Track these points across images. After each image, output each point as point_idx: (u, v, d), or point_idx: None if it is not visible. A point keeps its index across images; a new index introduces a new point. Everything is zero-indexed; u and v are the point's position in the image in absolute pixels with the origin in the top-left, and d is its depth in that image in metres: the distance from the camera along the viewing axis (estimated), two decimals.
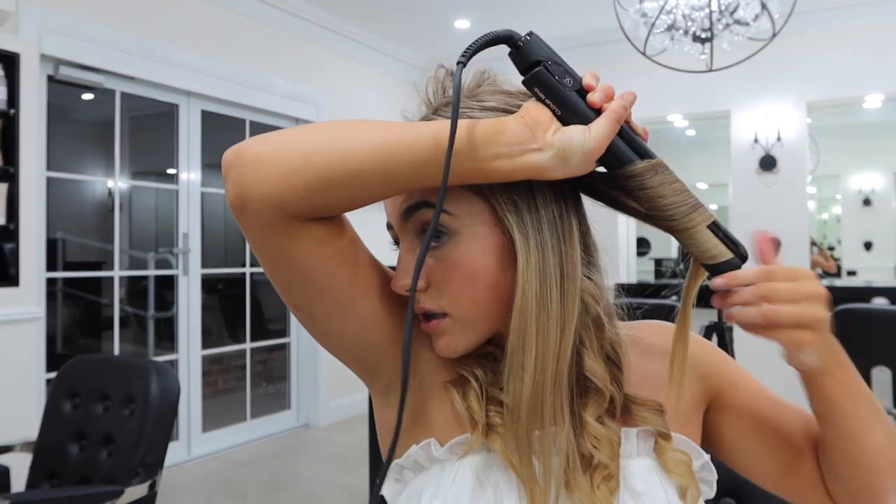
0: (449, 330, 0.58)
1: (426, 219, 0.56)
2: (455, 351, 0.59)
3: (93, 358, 2.11)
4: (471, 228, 0.56)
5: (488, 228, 0.55)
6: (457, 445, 0.57)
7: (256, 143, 0.51)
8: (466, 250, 0.56)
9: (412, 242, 0.59)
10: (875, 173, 6.96)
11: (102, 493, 1.61)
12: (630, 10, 2.83)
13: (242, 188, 0.49)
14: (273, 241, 0.51)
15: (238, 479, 3.32)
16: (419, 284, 0.56)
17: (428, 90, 0.62)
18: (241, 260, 4.12)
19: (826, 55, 3.99)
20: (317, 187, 0.49)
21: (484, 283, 0.56)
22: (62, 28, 2.88)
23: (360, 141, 0.50)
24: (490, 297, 0.56)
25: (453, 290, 0.56)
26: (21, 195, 2.65)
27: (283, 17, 3.99)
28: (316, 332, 0.59)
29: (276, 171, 0.49)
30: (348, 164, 0.49)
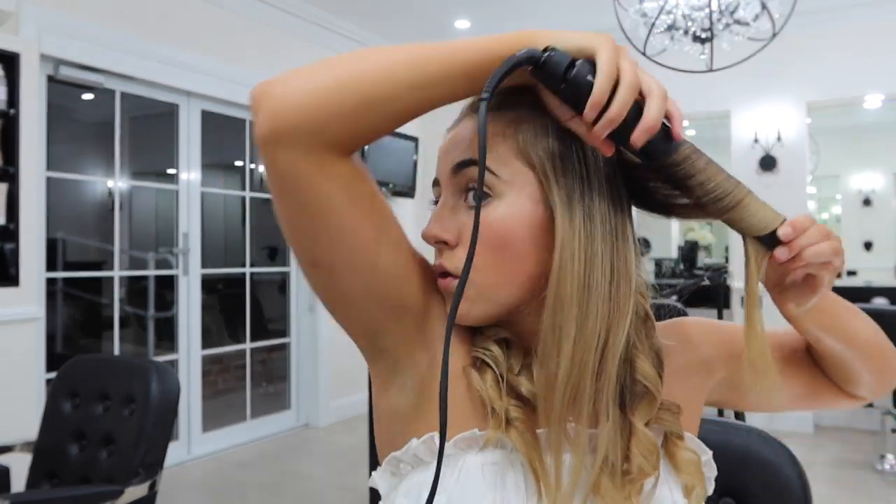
0: (466, 294, 0.55)
1: (473, 176, 0.56)
2: (467, 316, 0.57)
3: (93, 358, 2.11)
4: (515, 196, 0.55)
5: (532, 202, 0.55)
6: (462, 441, 0.55)
7: (289, 74, 0.50)
8: (504, 216, 0.55)
9: (453, 197, 0.59)
10: (875, 173, 6.96)
11: (102, 493, 1.61)
12: (630, 10, 2.83)
13: (277, 117, 0.48)
14: (305, 179, 0.50)
15: (238, 480, 3.32)
16: (446, 236, 0.57)
17: None
18: (241, 260, 4.12)
19: (826, 55, 3.99)
20: (355, 110, 0.49)
21: (513, 252, 0.55)
22: (62, 28, 2.88)
23: (396, 66, 0.50)
24: (514, 270, 0.55)
25: (483, 252, 0.54)
26: (21, 195, 2.65)
27: (284, 17, 3.99)
28: (330, 293, 0.57)
29: (312, 97, 0.48)
30: (386, 87, 0.49)
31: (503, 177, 0.55)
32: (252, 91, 0.50)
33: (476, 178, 0.55)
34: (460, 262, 0.54)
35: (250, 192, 4.18)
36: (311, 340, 4.28)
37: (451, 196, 0.58)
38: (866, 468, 3.37)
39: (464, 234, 0.57)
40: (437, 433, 0.54)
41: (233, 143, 4.02)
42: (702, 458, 0.61)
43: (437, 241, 0.57)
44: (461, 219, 0.57)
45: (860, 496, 3.05)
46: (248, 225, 4.14)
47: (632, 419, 0.56)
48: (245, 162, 4.04)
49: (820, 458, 3.52)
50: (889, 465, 3.32)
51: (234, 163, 4.35)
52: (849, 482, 3.21)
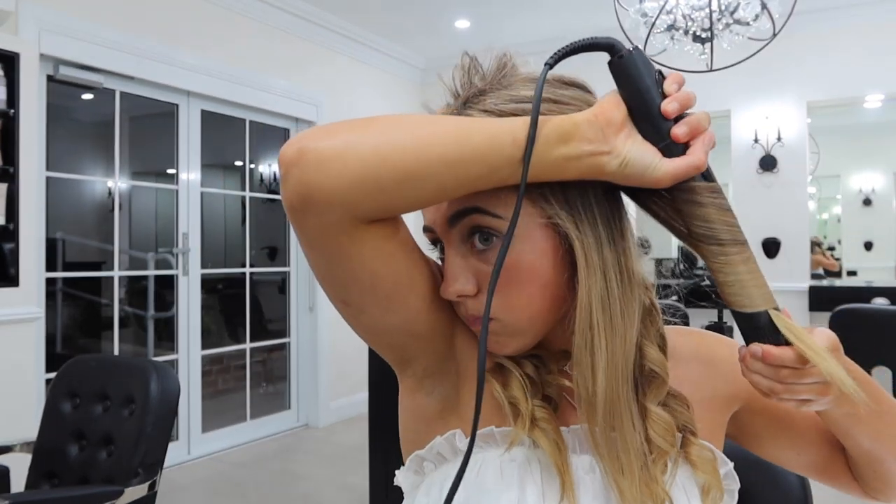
0: (503, 333, 0.56)
1: (474, 224, 0.54)
2: (506, 350, 0.57)
3: (92, 358, 2.11)
4: (523, 230, 0.53)
5: (539, 229, 0.54)
6: (480, 437, 0.57)
7: (322, 138, 0.47)
8: (519, 252, 0.53)
9: (460, 247, 0.56)
10: (875, 173, 6.95)
11: (102, 494, 1.60)
12: (630, 10, 2.83)
13: (308, 189, 0.46)
14: (334, 244, 0.49)
15: (238, 480, 3.32)
16: (468, 289, 0.55)
17: (455, 80, 0.59)
18: (241, 260, 4.11)
19: (826, 55, 3.99)
20: (392, 188, 0.47)
21: (537, 284, 0.54)
22: (62, 28, 2.88)
23: (438, 140, 0.47)
24: (542, 299, 0.54)
25: (505, 294, 0.53)
26: (21, 195, 2.65)
27: (283, 17, 3.99)
28: (360, 327, 0.57)
29: (348, 171, 0.45)
30: (425, 164, 0.47)
31: (503, 215, 0.53)
32: (283, 152, 0.47)
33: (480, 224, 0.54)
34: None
35: (250, 192, 4.17)
36: (311, 340, 4.28)
37: (457, 247, 0.56)
38: None
39: (483, 280, 0.55)
40: (461, 430, 0.57)
41: (233, 142, 4.02)
42: (721, 470, 0.61)
43: (459, 296, 0.56)
44: (474, 266, 0.56)
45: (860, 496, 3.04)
46: (247, 225, 4.14)
47: (644, 402, 0.56)
48: (245, 162, 4.04)
49: None
50: None
51: (233, 163, 4.35)
52: None
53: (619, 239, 0.54)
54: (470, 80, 0.58)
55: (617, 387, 0.52)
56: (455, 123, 0.49)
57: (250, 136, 4.01)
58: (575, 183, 0.52)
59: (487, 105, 0.55)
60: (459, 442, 0.57)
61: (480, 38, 4.64)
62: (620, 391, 0.52)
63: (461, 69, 0.59)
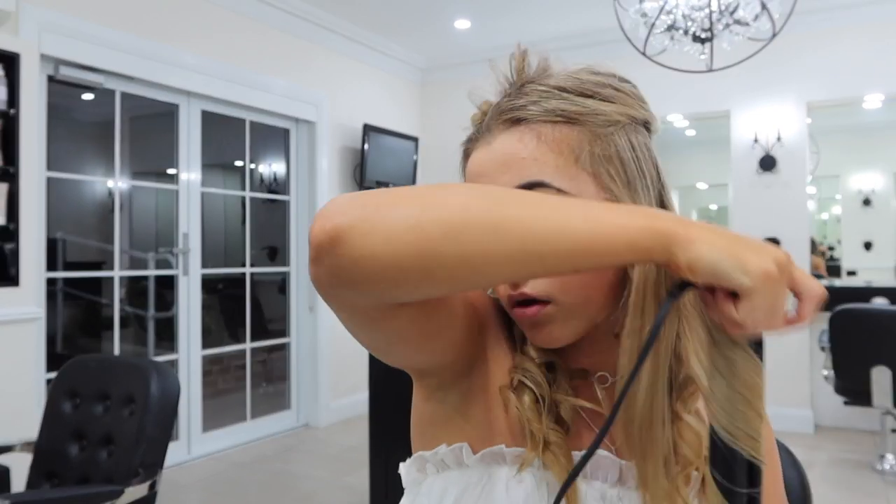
0: (553, 318, 0.55)
1: None
2: (557, 340, 0.56)
3: (93, 358, 2.11)
4: None
5: None
6: (489, 455, 0.56)
7: (364, 223, 0.39)
8: None
9: None
10: (875, 173, 6.95)
11: (102, 493, 1.61)
12: (630, 10, 2.83)
13: (341, 281, 0.41)
14: (367, 320, 0.48)
15: (238, 480, 3.32)
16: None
17: (511, 66, 0.59)
18: (241, 260, 4.12)
19: (826, 55, 3.99)
20: (444, 278, 0.41)
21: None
22: (62, 28, 2.88)
23: (561, 233, 0.41)
24: (598, 284, 0.54)
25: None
26: (21, 195, 2.65)
27: (283, 17, 3.99)
28: (380, 357, 0.57)
29: (394, 272, 0.40)
30: (522, 257, 0.41)
31: (569, 191, 0.53)
32: (314, 231, 0.40)
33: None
34: (542, 287, 0.53)
35: (250, 192, 4.18)
36: (311, 340, 4.28)
37: None
38: (866, 468, 3.37)
39: None
40: (468, 445, 0.57)
41: (233, 143, 4.02)
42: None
43: (513, 289, 0.55)
44: None
45: (860, 496, 3.05)
46: (248, 225, 4.14)
47: (676, 408, 0.55)
48: (245, 162, 4.04)
49: (820, 459, 3.52)
50: (889, 465, 3.32)
51: (234, 163, 4.35)
52: (849, 482, 3.21)
53: None
54: (524, 68, 0.59)
55: (656, 394, 0.51)
56: (583, 213, 0.42)
57: (250, 136, 4.01)
58: (637, 167, 0.54)
59: (551, 82, 0.56)
60: (466, 457, 0.57)
61: (480, 38, 4.64)
62: (659, 386, 0.51)
63: (518, 57, 0.59)
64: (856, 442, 3.78)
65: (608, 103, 0.56)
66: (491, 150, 0.56)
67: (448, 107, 5.18)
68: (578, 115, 0.55)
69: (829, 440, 3.84)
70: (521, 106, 0.55)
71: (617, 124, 0.55)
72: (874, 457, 3.44)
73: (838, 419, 4.04)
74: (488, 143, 0.57)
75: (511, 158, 0.55)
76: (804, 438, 3.84)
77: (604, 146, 0.54)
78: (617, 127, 0.55)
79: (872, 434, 3.79)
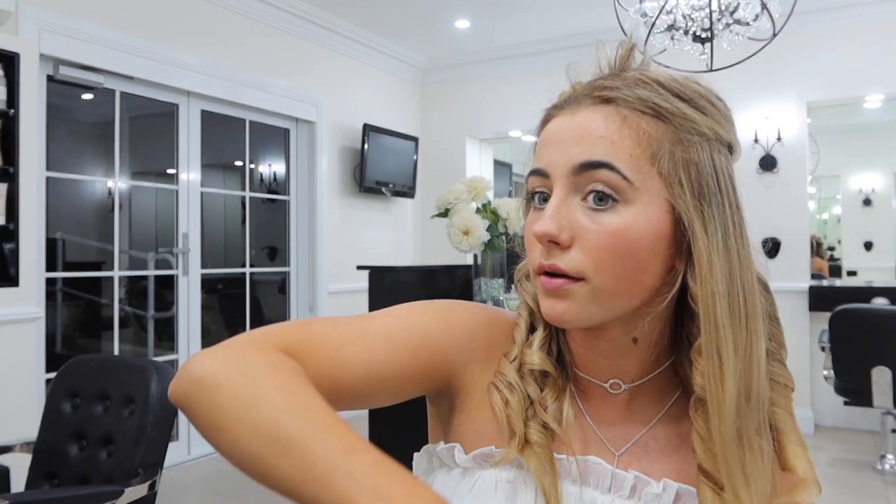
0: (577, 295, 0.53)
1: (600, 179, 0.52)
2: (571, 320, 0.54)
3: (92, 358, 2.11)
4: (645, 204, 0.52)
5: (661, 211, 0.52)
6: (481, 456, 0.57)
7: (197, 407, 0.44)
8: (633, 224, 0.52)
9: (572, 196, 0.54)
10: (875, 173, 6.95)
11: (102, 494, 1.61)
12: (630, 10, 2.83)
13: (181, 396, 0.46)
14: None
15: (238, 480, 3.32)
16: (562, 237, 0.53)
17: (617, 51, 0.58)
18: (241, 260, 4.11)
19: (826, 55, 3.99)
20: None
21: (637, 262, 0.52)
22: (62, 28, 2.88)
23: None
24: (633, 279, 0.53)
25: (604, 257, 0.52)
26: (21, 195, 2.65)
27: (283, 17, 3.99)
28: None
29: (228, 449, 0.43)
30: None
31: (634, 182, 0.52)
32: (174, 381, 0.46)
33: (606, 181, 0.52)
34: (577, 263, 0.52)
35: (250, 191, 4.18)
36: None
37: (566, 193, 0.54)
38: (866, 468, 3.37)
39: (579, 235, 0.53)
40: (459, 445, 0.59)
41: (233, 142, 4.02)
42: None
43: (550, 240, 0.53)
44: (577, 219, 0.53)
45: (860, 496, 3.05)
46: (247, 225, 4.14)
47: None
48: (245, 162, 4.04)
49: (820, 459, 3.52)
50: (889, 465, 3.32)
51: (233, 163, 4.35)
52: (849, 482, 3.20)
53: (743, 246, 0.54)
54: (621, 62, 0.58)
55: (748, 397, 0.51)
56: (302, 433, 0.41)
57: (250, 135, 4.01)
58: (710, 173, 0.53)
59: (651, 74, 0.55)
60: (458, 456, 0.58)
61: (480, 38, 4.64)
62: (754, 402, 0.51)
63: (626, 46, 0.58)
64: (856, 442, 3.78)
65: (700, 113, 0.54)
66: (573, 119, 0.55)
67: (448, 107, 5.18)
68: (668, 113, 0.53)
69: (829, 440, 3.84)
70: (616, 87, 0.54)
71: (703, 136, 0.54)
72: (874, 457, 3.44)
73: (838, 419, 4.04)
74: (573, 113, 0.55)
75: (589, 133, 0.53)
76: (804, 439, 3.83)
77: (685, 151, 0.53)
78: (703, 139, 0.54)
79: (872, 434, 3.79)
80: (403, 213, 5.08)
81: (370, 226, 4.76)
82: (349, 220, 4.56)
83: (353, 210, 4.59)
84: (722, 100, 0.58)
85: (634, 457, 0.57)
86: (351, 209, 4.57)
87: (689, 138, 0.53)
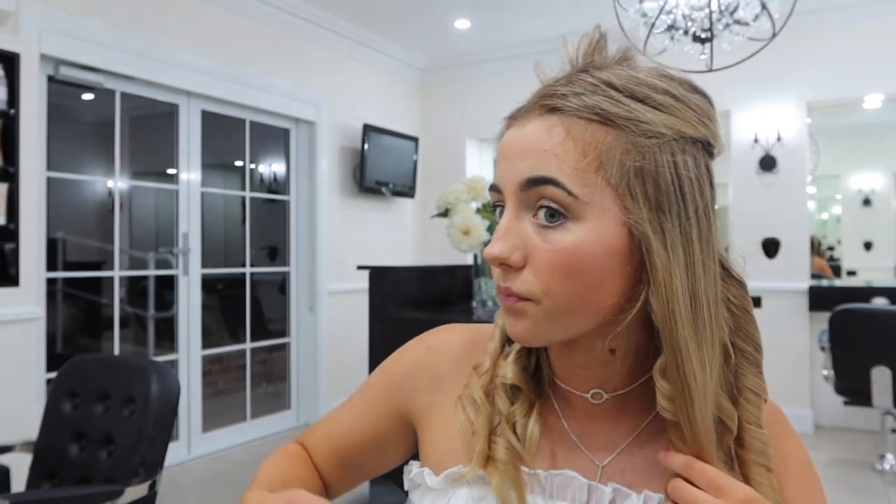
0: (531, 315, 0.51)
1: (546, 195, 0.49)
2: (530, 339, 0.53)
3: (93, 358, 2.11)
4: (596, 219, 0.49)
5: (614, 225, 0.49)
6: (451, 476, 0.58)
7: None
8: (584, 241, 0.49)
9: (523, 213, 0.52)
10: (875, 173, 6.96)
11: (102, 493, 1.61)
12: (630, 10, 2.83)
13: None
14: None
15: (238, 479, 3.32)
16: (513, 259, 0.51)
17: (580, 48, 0.54)
18: (241, 260, 4.12)
19: (826, 55, 3.99)
20: None
21: (590, 280, 0.49)
22: (62, 28, 2.88)
23: None
24: (588, 297, 0.50)
25: (554, 278, 0.49)
26: (21, 195, 2.65)
27: (284, 18, 3.99)
28: None
29: None
30: None
31: (582, 197, 0.48)
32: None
33: (552, 198, 0.49)
34: (528, 286, 0.51)
35: (250, 191, 4.18)
36: (311, 340, 4.28)
37: (517, 210, 0.52)
38: (866, 468, 3.37)
39: (531, 255, 0.51)
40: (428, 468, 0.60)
41: (233, 143, 4.02)
42: None
43: (501, 263, 0.51)
44: (529, 238, 0.51)
45: (860, 496, 3.05)
46: (247, 225, 4.14)
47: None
48: (245, 162, 4.04)
49: (820, 458, 3.52)
50: (889, 465, 3.32)
51: (234, 163, 4.35)
52: (849, 482, 3.21)
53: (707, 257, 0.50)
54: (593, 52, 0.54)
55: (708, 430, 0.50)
56: None
57: (250, 136, 4.01)
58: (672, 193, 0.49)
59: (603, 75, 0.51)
60: (428, 479, 0.59)
61: (480, 39, 4.64)
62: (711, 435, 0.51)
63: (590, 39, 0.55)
64: (856, 442, 3.78)
65: (657, 112, 0.50)
66: (522, 133, 0.52)
67: (448, 107, 5.18)
68: (618, 118, 0.49)
69: (829, 440, 3.84)
70: (562, 95, 0.51)
71: (662, 137, 0.49)
72: (874, 457, 3.44)
73: (838, 419, 4.04)
74: (522, 125, 0.53)
75: (535, 147, 0.51)
76: (804, 438, 3.78)
77: (638, 159, 0.48)
78: (661, 141, 0.49)
79: (872, 434, 3.79)
80: (403, 213, 5.08)
81: (370, 226, 4.76)
82: (349, 220, 4.56)
83: (353, 210, 4.59)
84: (699, 91, 0.54)
85: (618, 467, 0.56)
86: (351, 209, 4.58)
87: (643, 143, 0.49)
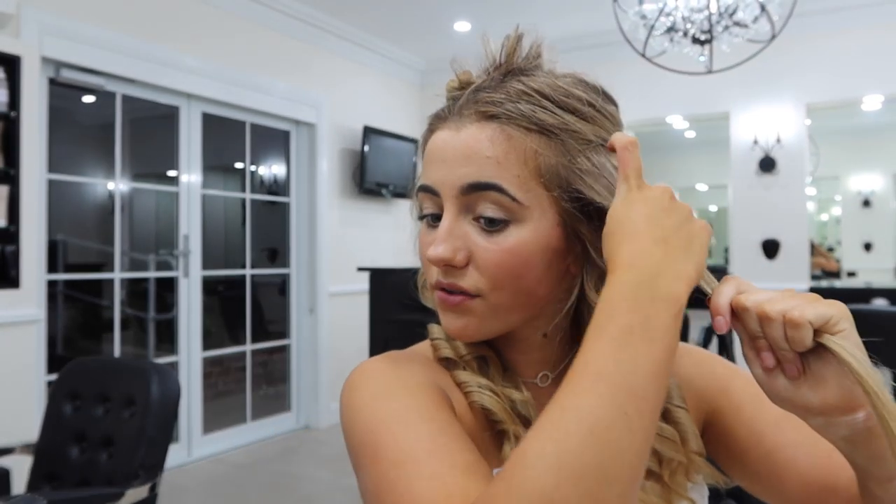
0: (475, 311, 0.54)
1: (489, 201, 0.52)
2: (472, 335, 0.56)
3: (93, 360, 2.12)
4: (536, 221, 0.52)
5: (552, 225, 0.53)
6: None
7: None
8: (526, 241, 0.52)
9: (463, 216, 0.54)
10: (874, 174, 6.96)
11: (103, 495, 1.61)
12: (629, 12, 2.84)
13: None
14: None
15: (239, 481, 3.32)
16: (457, 259, 0.53)
17: (503, 48, 0.58)
18: (242, 261, 4.12)
19: (825, 57, 4.00)
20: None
21: (531, 277, 0.53)
22: (63, 31, 2.89)
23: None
24: (530, 293, 0.54)
25: (500, 275, 0.53)
26: (22, 197, 2.65)
27: (284, 20, 4.00)
28: None
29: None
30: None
31: (523, 201, 0.52)
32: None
33: (496, 202, 0.52)
34: (475, 282, 0.53)
35: (251, 193, 4.18)
36: (312, 342, 4.28)
37: (457, 213, 0.54)
38: None
39: (474, 255, 0.53)
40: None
41: (233, 145, 4.02)
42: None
43: (445, 264, 0.54)
44: (471, 239, 0.53)
45: None
46: (248, 227, 4.14)
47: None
48: (245, 164, 4.04)
49: None
50: None
51: (234, 165, 4.36)
52: None
53: None
54: (513, 53, 0.58)
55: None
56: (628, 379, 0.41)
57: (251, 138, 4.02)
58: (602, 182, 0.52)
59: (534, 84, 0.54)
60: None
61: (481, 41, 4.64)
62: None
63: (512, 39, 0.58)
64: None
65: (586, 122, 0.54)
66: (458, 137, 0.54)
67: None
68: (554, 128, 0.53)
69: None
70: (499, 102, 0.53)
71: (589, 143, 0.53)
72: None
73: None
74: (457, 128, 0.54)
75: (476, 153, 0.52)
76: None
77: (571, 164, 0.53)
78: (588, 146, 0.53)
79: None
80: (403, 214, 5.09)
81: (370, 227, 4.77)
82: (349, 222, 4.56)
83: (353, 212, 4.60)
84: (611, 99, 0.57)
85: None
86: (351, 211, 4.58)
87: (575, 148, 0.53)
